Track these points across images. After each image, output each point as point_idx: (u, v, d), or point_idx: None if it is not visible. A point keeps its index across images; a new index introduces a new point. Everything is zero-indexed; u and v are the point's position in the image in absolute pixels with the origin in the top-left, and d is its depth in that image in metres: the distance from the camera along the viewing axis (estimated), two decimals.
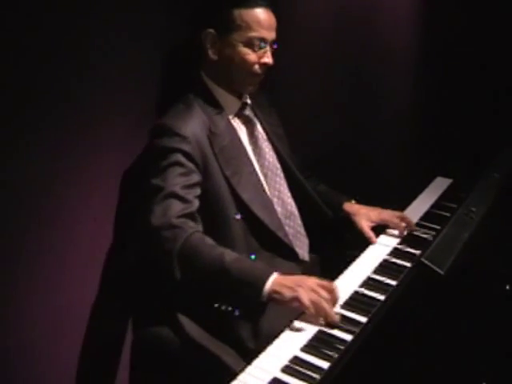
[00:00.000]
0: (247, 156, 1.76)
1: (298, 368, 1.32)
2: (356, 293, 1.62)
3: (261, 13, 1.68)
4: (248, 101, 1.82)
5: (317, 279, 1.48)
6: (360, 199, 2.01)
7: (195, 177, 1.60)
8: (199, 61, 1.76)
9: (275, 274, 1.45)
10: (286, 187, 1.85)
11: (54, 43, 1.41)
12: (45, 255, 1.48)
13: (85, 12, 1.48)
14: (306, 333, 1.43)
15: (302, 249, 1.81)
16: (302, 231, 1.85)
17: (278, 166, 1.84)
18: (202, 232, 1.56)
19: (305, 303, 1.40)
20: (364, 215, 1.94)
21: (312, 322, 1.45)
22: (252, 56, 1.69)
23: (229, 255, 1.48)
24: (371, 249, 1.89)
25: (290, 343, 1.40)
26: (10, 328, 1.42)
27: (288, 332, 1.44)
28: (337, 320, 1.43)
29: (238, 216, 1.67)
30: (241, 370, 1.33)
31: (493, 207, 2.09)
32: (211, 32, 1.69)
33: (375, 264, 1.78)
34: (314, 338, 1.41)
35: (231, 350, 1.56)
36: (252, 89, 1.77)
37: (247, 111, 1.81)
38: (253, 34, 1.67)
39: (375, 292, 1.62)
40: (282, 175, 1.85)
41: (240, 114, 1.80)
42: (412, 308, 1.59)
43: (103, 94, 1.58)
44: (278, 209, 1.79)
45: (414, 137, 3.53)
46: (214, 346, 1.55)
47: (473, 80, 3.49)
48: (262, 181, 1.78)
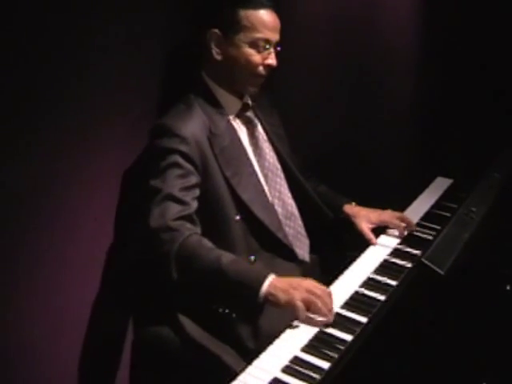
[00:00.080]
0: (247, 157, 1.76)
1: (299, 368, 1.32)
2: (356, 293, 1.62)
3: (266, 14, 1.68)
4: (249, 101, 1.81)
5: (313, 281, 1.48)
6: (360, 199, 2.00)
7: (194, 178, 1.60)
8: (200, 61, 1.76)
9: (272, 277, 1.45)
10: (287, 188, 1.85)
11: (54, 43, 1.41)
12: (45, 255, 1.48)
13: (85, 12, 1.48)
14: (307, 333, 1.43)
15: (303, 249, 1.81)
16: (303, 232, 1.85)
17: (279, 167, 1.84)
18: (201, 234, 1.55)
19: (297, 305, 1.41)
20: (364, 217, 1.94)
21: (310, 323, 1.45)
22: (256, 57, 1.69)
23: (226, 257, 1.48)
24: (371, 249, 1.89)
25: (291, 343, 1.40)
26: (10, 328, 1.42)
27: (288, 332, 1.44)
28: (331, 319, 1.43)
29: (238, 217, 1.66)
30: (241, 370, 1.33)
31: (493, 207, 2.09)
32: (216, 32, 1.69)
33: (375, 264, 1.78)
34: (315, 338, 1.41)
35: (231, 350, 1.56)
36: (254, 90, 1.77)
37: (248, 112, 1.81)
38: (258, 35, 1.67)
39: (375, 292, 1.62)
40: (283, 176, 1.84)
41: (241, 115, 1.79)
42: (412, 308, 1.59)
43: (103, 94, 1.58)
44: (279, 209, 1.79)
45: (415, 137, 3.53)
46: (215, 346, 1.55)
47: (473, 80, 3.49)
48: (263, 181, 1.78)
